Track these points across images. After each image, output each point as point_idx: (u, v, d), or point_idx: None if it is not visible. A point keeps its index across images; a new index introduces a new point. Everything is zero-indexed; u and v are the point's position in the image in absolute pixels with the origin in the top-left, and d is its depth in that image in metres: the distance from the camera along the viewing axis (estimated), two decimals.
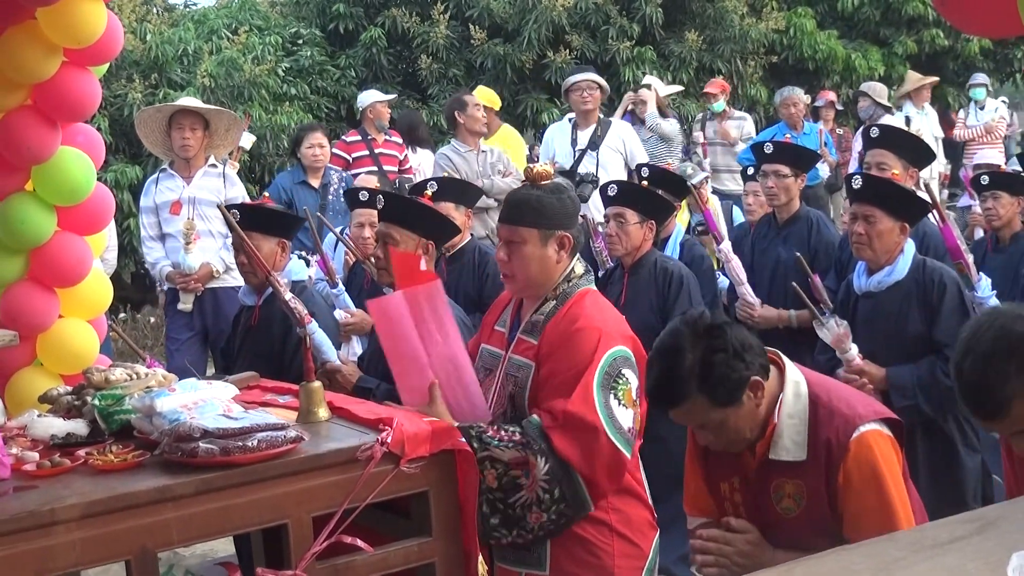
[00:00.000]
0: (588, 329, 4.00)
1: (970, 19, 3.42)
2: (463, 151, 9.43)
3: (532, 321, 4.14)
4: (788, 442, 3.47)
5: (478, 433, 3.91)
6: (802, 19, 16.60)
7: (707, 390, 3.38)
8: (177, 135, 8.00)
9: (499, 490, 3.89)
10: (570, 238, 4.13)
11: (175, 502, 3.16)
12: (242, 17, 15.27)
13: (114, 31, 5.38)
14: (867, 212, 5.44)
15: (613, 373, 3.95)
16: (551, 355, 4.01)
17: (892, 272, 5.48)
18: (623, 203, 6.56)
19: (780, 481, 3.50)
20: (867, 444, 3.41)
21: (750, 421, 3.46)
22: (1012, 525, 2.37)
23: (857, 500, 3.37)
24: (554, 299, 4.14)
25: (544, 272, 4.13)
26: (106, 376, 3.86)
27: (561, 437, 3.88)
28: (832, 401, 3.50)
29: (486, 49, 15.03)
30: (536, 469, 3.85)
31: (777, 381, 3.53)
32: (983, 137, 14.83)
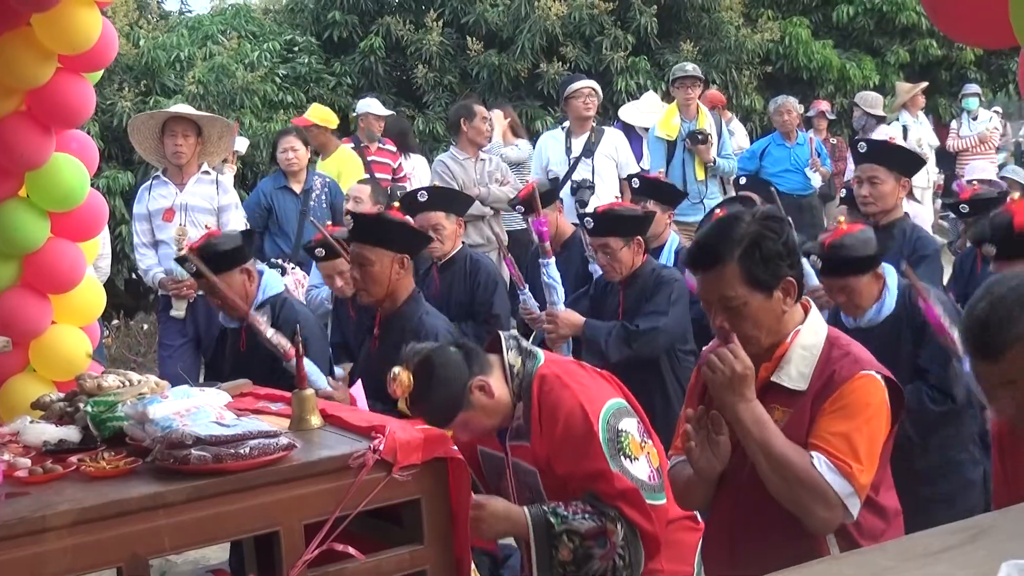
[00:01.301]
0: (572, 411, 3.96)
1: (963, 29, 3.43)
2: (461, 159, 9.44)
3: (515, 428, 4.10)
4: (793, 370, 3.47)
5: (552, 509, 3.89)
6: (797, 29, 16.63)
7: (746, 262, 3.37)
8: (170, 142, 7.99)
9: (572, 563, 3.88)
10: (479, 380, 4.01)
11: (167, 509, 3.16)
12: (236, 23, 15.27)
13: (108, 37, 5.38)
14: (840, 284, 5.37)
15: (613, 435, 3.94)
16: (557, 457, 3.97)
17: (881, 309, 5.45)
18: (604, 233, 6.51)
19: (771, 407, 3.46)
20: (867, 384, 3.41)
21: (769, 321, 3.45)
22: (1003, 534, 2.37)
23: (835, 422, 3.37)
24: (518, 400, 4.08)
25: (495, 414, 4.06)
26: (99, 383, 3.87)
27: (623, 503, 3.89)
28: (850, 345, 3.52)
29: (481, 58, 15.04)
30: (616, 536, 3.85)
31: (801, 315, 3.53)
32: (976, 147, 14.86)
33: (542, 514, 3.86)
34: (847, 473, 3.33)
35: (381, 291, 5.45)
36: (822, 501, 3.32)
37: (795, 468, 3.34)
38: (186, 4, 16.78)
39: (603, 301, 6.59)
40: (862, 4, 17.06)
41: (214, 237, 5.93)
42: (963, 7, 3.14)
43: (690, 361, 6.13)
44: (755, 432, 3.38)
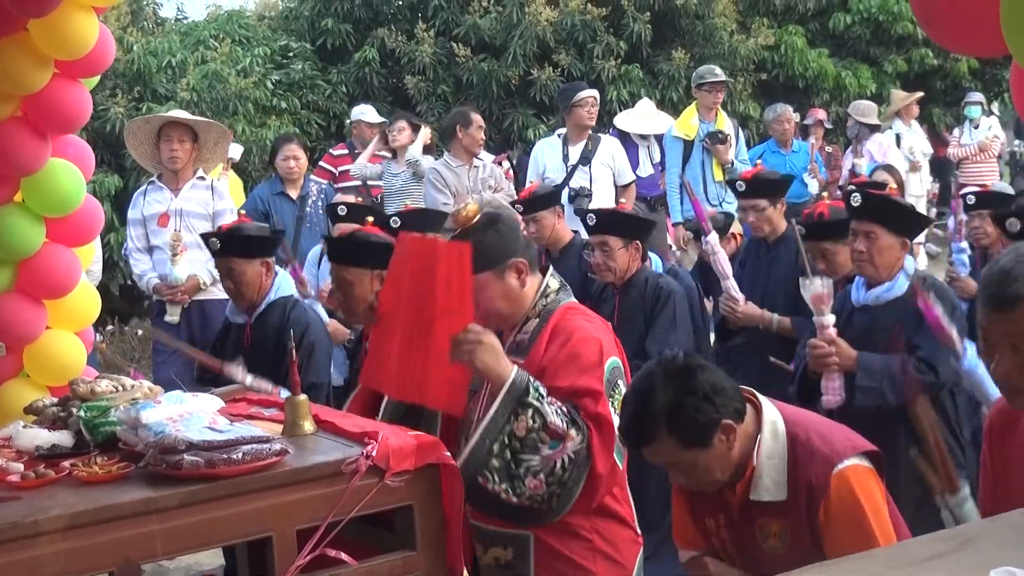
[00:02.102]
0: (589, 340, 3.97)
1: (956, 38, 3.43)
2: (455, 166, 9.45)
3: (516, 341, 4.09)
4: (768, 482, 3.47)
5: (536, 384, 3.83)
6: (792, 37, 16.65)
7: (676, 431, 3.37)
8: (165, 147, 8.00)
9: (519, 441, 3.79)
10: (523, 262, 4.07)
11: (159, 514, 3.17)
12: (229, 28, 15.27)
13: (105, 43, 5.40)
14: (867, 229, 5.42)
15: (612, 383, 3.94)
16: (553, 371, 3.94)
17: (891, 288, 5.46)
18: (604, 231, 6.53)
19: (764, 520, 3.50)
20: (847, 481, 3.40)
21: (722, 463, 3.45)
22: (991, 542, 2.38)
23: (838, 536, 3.36)
24: (536, 317, 4.09)
25: (514, 303, 4.08)
26: (92, 388, 3.87)
27: (595, 427, 3.86)
28: (811, 439, 3.49)
29: (472, 66, 15.05)
30: (571, 443, 3.78)
31: (754, 421, 3.51)
32: (976, 155, 14.89)
33: (525, 378, 3.82)
34: None
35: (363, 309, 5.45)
36: None
37: None
38: (182, 11, 16.78)
39: (598, 309, 6.60)
40: (858, 13, 17.09)
41: (244, 223, 6.01)
42: (955, 16, 3.15)
43: None
44: None
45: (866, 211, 5.46)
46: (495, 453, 3.80)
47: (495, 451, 3.80)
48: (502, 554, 4.06)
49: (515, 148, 15.19)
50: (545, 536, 3.98)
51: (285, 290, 5.99)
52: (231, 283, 5.82)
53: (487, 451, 3.80)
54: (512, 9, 15.00)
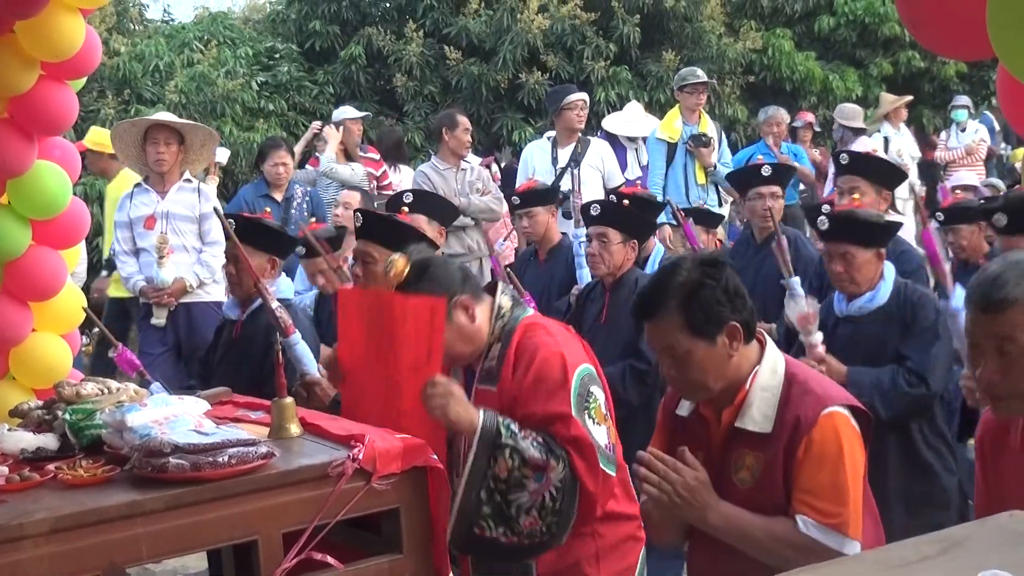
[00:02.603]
0: (551, 357, 3.94)
1: (942, 41, 3.44)
2: (442, 168, 9.44)
3: (486, 369, 4.08)
4: (756, 413, 3.48)
5: (506, 422, 3.83)
6: (780, 40, 16.69)
7: (685, 310, 3.41)
8: (152, 150, 7.97)
9: (504, 483, 3.79)
10: (466, 297, 4.05)
11: (145, 517, 3.15)
12: (214, 30, 15.25)
13: (92, 45, 5.37)
14: (841, 250, 5.43)
15: (584, 393, 3.92)
16: (523, 399, 3.93)
17: (874, 298, 5.46)
18: (606, 223, 6.55)
19: (742, 451, 3.51)
20: (834, 423, 3.42)
21: (716, 367, 3.46)
22: (979, 545, 2.37)
23: (812, 473, 3.38)
24: (497, 341, 4.08)
25: (471, 340, 4.06)
26: (77, 391, 3.86)
27: (574, 450, 3.86)
28: (808, 380, 3.52)
29: (461, 68, 15.05)
30: (553, 473, 3.79)
31: (757, 353, 3.54)
32: (964, 159, 14.90)
33: (494, 421, 3.81)
34: (836, 525, 3.35)
35: None
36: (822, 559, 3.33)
37: (785, 544, 3.37)
38: (169, 13, 16.76)
39: (586, 306, 6.60)
40: (844, 16, 17.12)
41: (267, 219, 6.05)
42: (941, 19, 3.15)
43: None
44: (733, 532, 3.44)
45: (835, 233, 5.46)
46: (484, 500, 3.80)
47: (483, 498, 3.80)
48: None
49: (503, 151, 15.20)
50: None
51: (283, 291, 6.01)
52: (233, 268, 5.82)
53: (475, 501, 3.80)
54: (503, 14, 15.01)
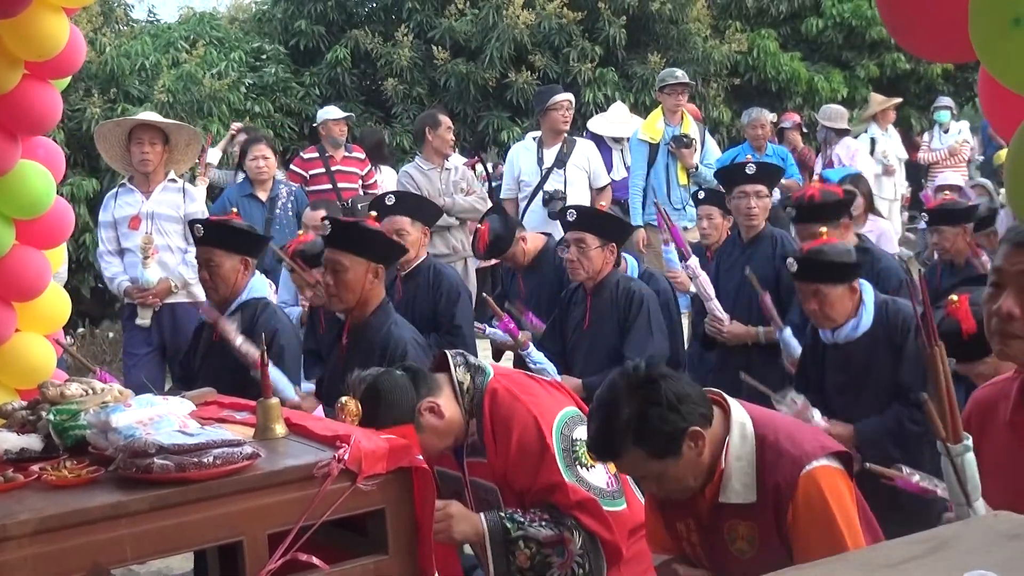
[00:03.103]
0: (525, 426, 4.00)
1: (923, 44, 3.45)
2: (426, 168, 9.43)
3: (471, 444, 4.14)
4: (737, 485, 3.47)
5: (510, 515, 3.92)
6: (765, 41, 16.71)
7: (643, 443, 3.37)
8: (136, 149, 7.94)
9: (530, 570, 3.91)
10: (427, 402, 4.08)
11: (129, 518, 3.14)
12: (200, 30, 15.22)
13: (76, 44, 5.36)
14: (812, 289, 5.44)
15: (568, 445, 3.97)
16: (513, 473, 4.01)
17: (858, 326, 5.44)
18: (583, 228, 6.50)
19: (733, 523, 3.51)
20: (815, 482, 3.41)
21: (692, 470, 3.46)
22: (965, 545, 2.38)
23: (806, 537, 3.38)
24: (471, 417, 4.12)
25: (446, 433, 4.11)
26: (62, 391, 3.84)
27: (581, 513, 3.91)
28: (779, 440, 3.49)
29: (449, 68, 15.05)
30: (573, 544, 3.88)
31: (722, 424, 3.51)
32: (947, 160, 14.94)
33: (498, 519, 3.90)
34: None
35: (352, 298, 5.44)
36: None
37: None
38: (154, 12, 16.73)
39: (569, 310, 6.59)
40: (831, 18, 17.15)
41: (234, 219, 6.04)
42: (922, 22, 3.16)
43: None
44: None
45: (805, 274, 5.46)
46: None
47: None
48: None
49: (489, 151, 15.20)
50: None
51: (258, 290, 5.98)
52: (207, 273, 5.82)
53: None
54: (488, 12, 15.01)
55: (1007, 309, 2.98)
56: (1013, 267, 2.99)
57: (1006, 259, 3.01)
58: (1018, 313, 2.98)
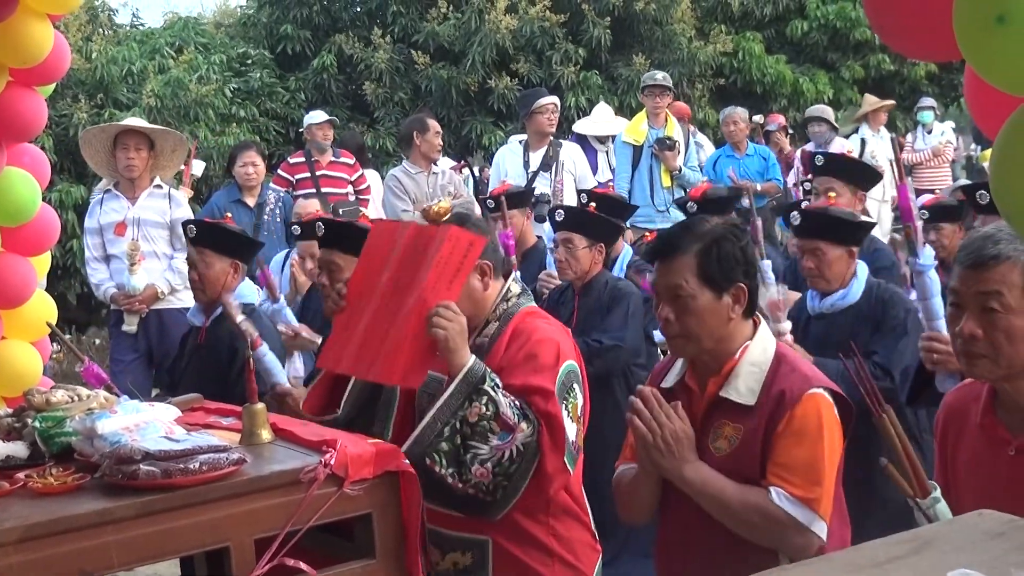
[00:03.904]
0: (547, 341, 3.98)
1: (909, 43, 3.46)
2: (414, 172, 9.43)
3: (476, 344, 4.06)
4: (742, 385, 3.54)
5: (493, 376, 3.85)
6: (750, 43, 16.74)
7: (703, 256, 3.50)
8: (122, 155, 7.95)
9: (470, 427, 3.80)
10: (488, 264, 4.08)
11: (115, 525, 3.13)
12: (186, 36, 15.22)
13: (61, 51, 5.36)
14: (812, 246, 5.47)
15: (567, 385, 3.94)
16: (509, 370, 3.95)
17: (846, 296, 5.50)
18: (570, 228, 6.56)
19: (721, 422, 3.56)
20: (817, 404, 3.48)
21: (714, 323, 3.53)
22: (948, 545, 2.38)
23: (790, 448, 3.43)
24: (496, 320, 4.10)
25: (476, 304, 4.08)
26: (47, 398, 3.83)
27: (545, 424, 3.86)
28: (797, 363, 3.60)
29: (430, 73, 15.05)
30: (520, 434, 3.79)
31: (751, 330, 3.62)
32: (930, 161, 14.97)
33: (483, 367, 3.85)
34: (808, 501, 3.39)
35: None
36: (790, 533, 3.39)
37: (756, 511, 3.42)
38: (138, 17, 16.70)
39: (557, 310, 6.60)
40: (816, 20, 17.19)
41: (228, 223, 6.03)
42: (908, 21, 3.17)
43: (642, 376, 6.14)
44: (706, 491, 3.49)
45: (807, 229, 5.50)
46: (445, 436, 3.81)
47: (445, 434, 3.81)
48: (460, 559, 4.05)
49: (475, 155, 15.21)
50: (503, 541, 3.99)
51: (246, 296, 6.00)
52: (196, 274, 5.83)
53: (437, 432, 3.81)
54: (471, 16, 15.01)
55: (969, 331, 3.06)
56: (969, 289, 3.07)
57: (962, 282, 3.08)
58: (980, 334, 3.06)
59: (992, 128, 2.94)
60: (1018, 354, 3.05)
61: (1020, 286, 3.02)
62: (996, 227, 3.09)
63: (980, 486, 3.20)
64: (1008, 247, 3.01)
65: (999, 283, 3.01)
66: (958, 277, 3.10)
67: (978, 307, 3.04)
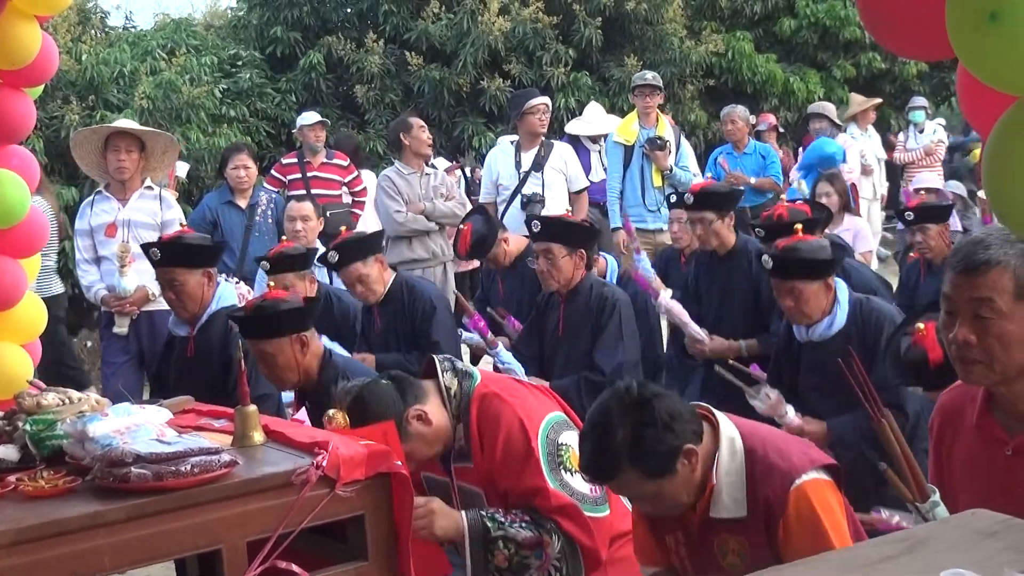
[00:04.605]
0: (511, 429, 3.99)
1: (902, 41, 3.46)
2: (406, 173, 9.41)
3: (457, 449, 4.13)
4: (728, 500, 3.48)
5: (490, 515, 3.92)
6: (740, 43, 16.74)
7: (639, 464, 3.37)
8: (112, 157, 7.93)
9: (509, 571, 3.90)
10: (415, 409, 4.06)
11: (107, 528, 3.13)
12: (178, 38, 15.20)
13: (49, 52, 5.34)
14: (788, 286, 5.46)
15: (553, 448, 3.96)
16: (498, 474, 4.00)
17: (832, 324, 5.48)
18: (548, 238, 6.48)
19: (723, 537, 3.52)
20: (805, 496, 3.42)
21: (686, 487, 3.46)
22: (941, 544, 2.39)
23: (797, 553, 3.34)
24: (459, 422, 4.11)
25: (434, 440, 4.09)
26: (38, 401, 3.82)
27: (561, 517, 3.91)
28: (768, 454, 3.50)
29: (422, 74, 15.04)
30: (551, 548, 3.87)
31: (712, 439, 3.52)
32: (922, 160, 14.98)
33: (479, 518, 3.90)
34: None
35: None
36: None
37: None
38: (130, 19, 16.68)
39: (544, 318, 6.59)
40: (806, 18, 17.19)
41: (185, 233, 6.02)
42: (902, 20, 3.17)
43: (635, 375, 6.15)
44: None
45: (781, 271, 5.48)
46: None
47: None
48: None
49: (467, 155, 15.20)
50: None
51: (227, 299, 5.96)
52: (172, 294, 5.81)
53: None
54: (463, 16, 15.01)
55: (962, 337, 3.04)
56: (961, 296, 3.05)
57: (953, 288, 3.06)
58: (974, 340, 3.03)
59: (984, 127, 2.94)
60: (1012, 359, 3.03)
61: (1011, 291, 2.99)
62: (987, 231, 3.07)
63: (976, 486, 3.19)
64: (998, 252, 2.98)
65: (990, 289, 2.98)
66: (950, 283, 3.08)
67: (970, 313, 3.02)
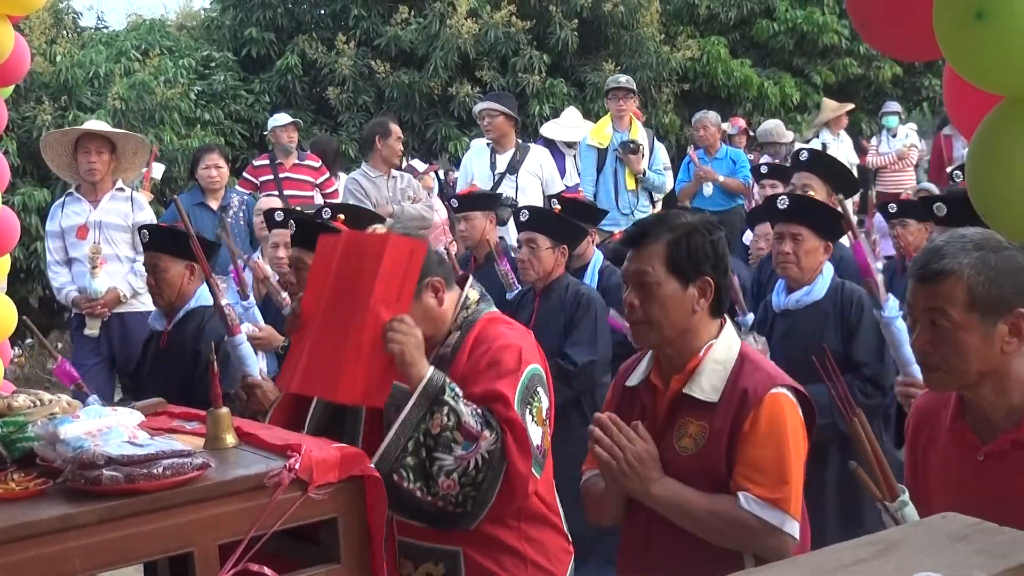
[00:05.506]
0: (509, 347, 3.96)
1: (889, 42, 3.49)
2: (373, 176, 9.41)
3: (439, 356, 4.04)
4: (705, 383, 3.56)
5: (453, 385, 3.83)
6: (716, 47, 16.76)
7: (671, 245, 3.55)
8: (83, 159, 7.91)
9: (433, 439, 3.78)
10: (439, 280, 4.04)
11: (78, 531, 3.11)
12: (152, 39, 15.16)
13: (21, 53, 5.32)
14: (795, 231, 5.52)
15: (531, 390, 3.92)
16: (472, 378, 3.93)
17: (811, 292, 5.57)
18: (534, 228, 6.57)
19: (685, 420, 3.59)
20: (781, 403, 3.51)
21: (677, 313, 3.56)
22: (913, 548, 2.39)
23: (756, 449, 3.46)
24: (457, 330, 4.08)
25: (434, 322, 4.04)
26: (9, 403, 3.79)
27: (509, 430, 3.84)
28: (761, 361, 3.65)
29: (392, 79, 15.02)
30: (484, 443, 3.76)
31: (717, 329, 3.65)
32: (895, 164, 15.04)
33: (442, 378, 3.83)
34: (776, 501, 3.40)
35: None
36: (762, 537, 3.41)
37: (725, 520, 3.45)
38: (103, 20, 16.63)
39: (517, 314, 6.60)
40: (784, 23, 17.24)
41: (179, 226, 6.01)
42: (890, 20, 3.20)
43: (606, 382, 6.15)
44: (673, 507, 3.51)
45: (794, 213, 5.54)
46: (410, 451, 3.80)
47: (410, 448, 3.80)
48: (433, 570, 4.03)
49: (440, 157, 15.19)
50: (475, 551, 3.98)
51: (206, 300, 5.95)
52: (152, 278, 5.81)
53: (402, 448, 3.80)
54: (433, 20, 14.99)
55: (920, 345, 3.11)
56: (918, 304, 3.11)
57: (912, 296, 3.12)
58: (930, 348, 3.08)
59: (969, 126, 2.96)
60: (969, 367, 3.07)
61: (964, 302, 3.01)
62: (946, 238, 3.10)
63: (949, 489, 3.21)
64: (952, 262, 3.01)
65: (944, 299, 3.02)
66: (910, 291, 3.13)
67: (928, 321, 3.06)
